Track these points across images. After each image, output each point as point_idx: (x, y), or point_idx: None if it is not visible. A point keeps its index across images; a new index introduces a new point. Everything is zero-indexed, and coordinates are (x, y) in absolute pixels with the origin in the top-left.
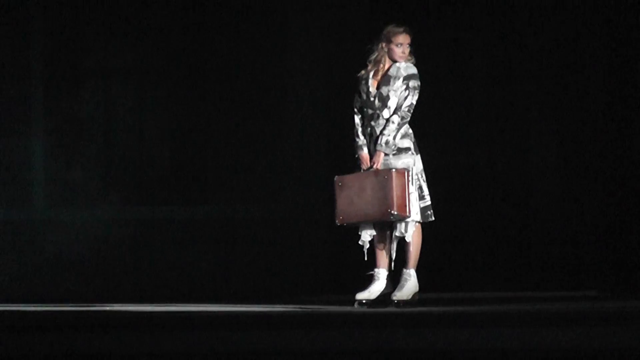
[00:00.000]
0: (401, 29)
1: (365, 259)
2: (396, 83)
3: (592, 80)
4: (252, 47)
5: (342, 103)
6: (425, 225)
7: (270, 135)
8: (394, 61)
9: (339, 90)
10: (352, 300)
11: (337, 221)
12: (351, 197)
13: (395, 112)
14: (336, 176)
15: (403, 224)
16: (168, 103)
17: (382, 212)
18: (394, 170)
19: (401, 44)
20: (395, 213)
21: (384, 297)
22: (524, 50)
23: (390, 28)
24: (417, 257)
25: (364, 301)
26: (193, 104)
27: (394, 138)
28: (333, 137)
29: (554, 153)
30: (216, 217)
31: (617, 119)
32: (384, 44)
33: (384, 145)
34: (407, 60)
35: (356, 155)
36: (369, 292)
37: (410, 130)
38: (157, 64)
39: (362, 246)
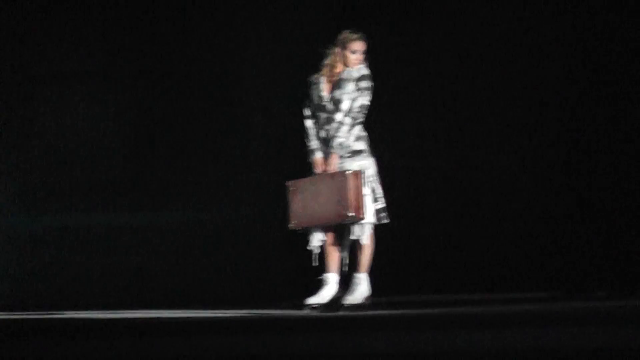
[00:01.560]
0: (357, 36)
1: (316, 264)
2: (349, 86)
3: (555, 86)
4: (207, 54)
5: (294, 108)
6: (377, 229)
7: (223, 142)
8: (347, 66)
9: (290, 94)
10: (304, 305)
11: (290, 225)
12: (306, 200)
13: (347, 114)
14: (288, 181)
15: (358, 227)
16: (123, 109)
17: (338, 214)
18: (349, 172)
19: (356, 50)
20: (352, 215)
21: (335, 302)
22: (487, 52)
23: (347, 34)
24: (369, 260)
25: (314, 306)
26: (148, 110)
27: (347, 140)
28: (285, 142)
29: (505, 150)
30: (170, 223)
31: (584, 117)
32: (338, 50)
33: (337, 147)
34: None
35: (309, 160)
36: (320, 296)
37: (365, 133)
38: (110, 67)
39: (312, 251)
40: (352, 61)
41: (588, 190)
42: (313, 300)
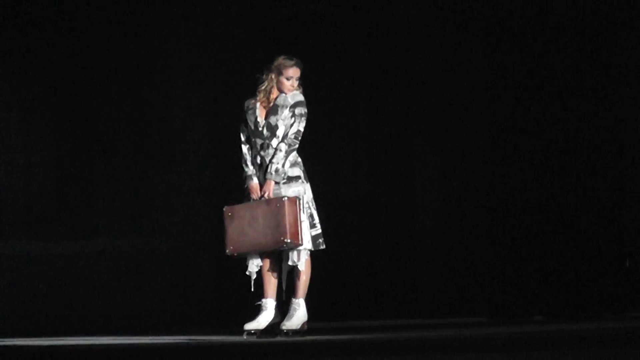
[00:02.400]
0: (292, 62)
1: (252, 289)
2: (284, 112)
3: (474, 110)
4: (135, 79)
5: (228, 134)
6: (314, 255)
7: (155, 168)
8: (282, 92)
9: (223, 121)
10: (241, 331)
11: (227, 251)
12: (242, 226)
13: (282, 140)
14: (225, 206)
15: (295, 253)
16: (52, 137)
17: (276, 240)
18: (285, 198)
19: (291, 77)
20: (289, 241)
21: (273, 327)
22: (407, 80)
23: (281, 60)
24: (307, 286)
25: (252, 331)
26: (78, 138)
27: (283, 166)
28: (219, 168)
29: (439, 179)
30: (103, 251)
31: (499, 144)
32: (273, 75)
33: (273, 173)
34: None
35: (245, 186)
36: (257, 322)
37: (300, 159)
38: (41, 98)
39: (250, 277)
40: (287, 87)
41: (524, 215)
42: (250, 325)
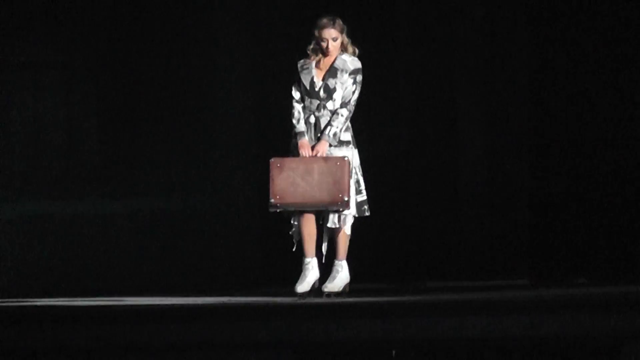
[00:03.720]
0: (323, 24)
1: (294, 249)
2: (343, 76)
3: (518, 70)
4: (178, 37)
5: (270, 92)
6: (357, 219)
7: (197, 126)
8: (326, 54)
9: (266, 79)
10: (289, 293)
11: (272, 201)
12: (294, 177)
13: (344, 106)
14: (273, 158)
15: (341, 216)
16: (95, 96)
17: (333, 197)
18: (347, 157)
19: (326, 39)
20: (346, 199)
21: (315, 288)
22: (451, 39)
23: (318, 21)
24: (347, 247)
25: (302, 293)
26: (120, 96)
27: (341, 130)
28: (262, 126)
29: (481, 141)
30: (145, 210)
31: (542, 105)
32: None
33: (331, 136)
34: (352, 54)
35: (294, 141)
36: (307, 283)
37: (350, 124)
38: (84, 56)
39: (292, 237)
40: (323, 50)
41: (567, 179)
42: (302, 288)
